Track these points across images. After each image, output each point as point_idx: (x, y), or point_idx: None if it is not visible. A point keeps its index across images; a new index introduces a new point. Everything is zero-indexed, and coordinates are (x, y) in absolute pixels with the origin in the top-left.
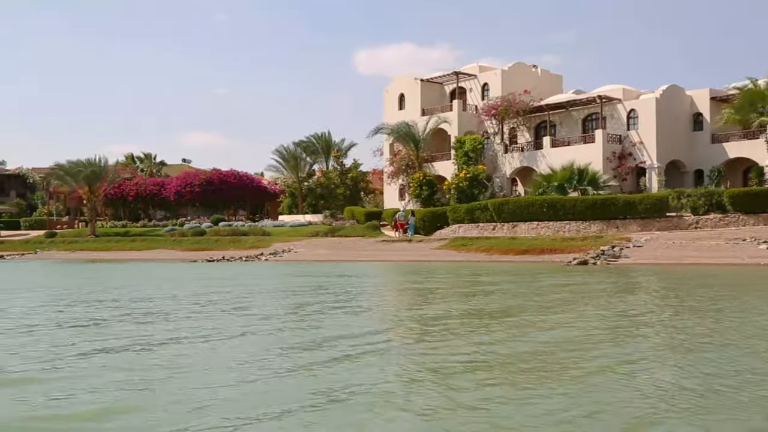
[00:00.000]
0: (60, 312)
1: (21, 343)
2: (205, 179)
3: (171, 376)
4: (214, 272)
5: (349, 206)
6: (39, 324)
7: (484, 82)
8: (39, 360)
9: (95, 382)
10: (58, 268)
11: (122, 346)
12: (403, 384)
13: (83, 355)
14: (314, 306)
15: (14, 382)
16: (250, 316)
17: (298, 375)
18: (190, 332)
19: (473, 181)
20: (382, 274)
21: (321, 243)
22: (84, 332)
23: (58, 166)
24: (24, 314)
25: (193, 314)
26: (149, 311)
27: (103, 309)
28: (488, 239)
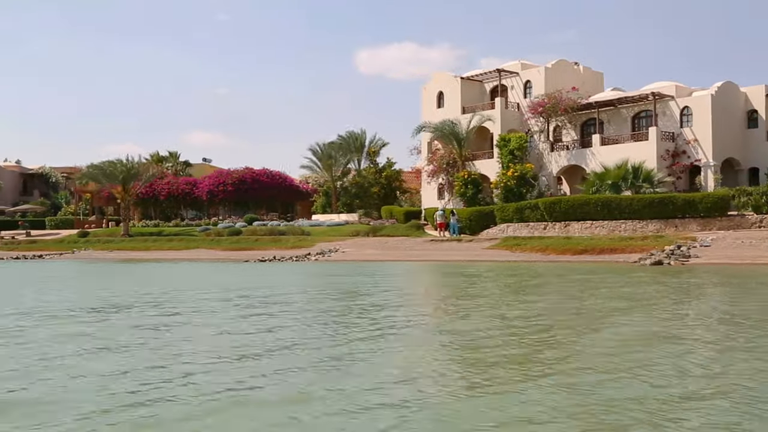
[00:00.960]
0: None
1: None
2: (237, 178)
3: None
4: (288, 271)
5: (383, 205)
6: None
7: (526, 79)
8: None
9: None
10: (120, 269)
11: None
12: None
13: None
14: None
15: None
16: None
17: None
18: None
19: (521, 179)
20: (469, 273)
21: (366, 243)
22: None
23: (93, 165)
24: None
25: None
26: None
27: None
28: (542, 239)
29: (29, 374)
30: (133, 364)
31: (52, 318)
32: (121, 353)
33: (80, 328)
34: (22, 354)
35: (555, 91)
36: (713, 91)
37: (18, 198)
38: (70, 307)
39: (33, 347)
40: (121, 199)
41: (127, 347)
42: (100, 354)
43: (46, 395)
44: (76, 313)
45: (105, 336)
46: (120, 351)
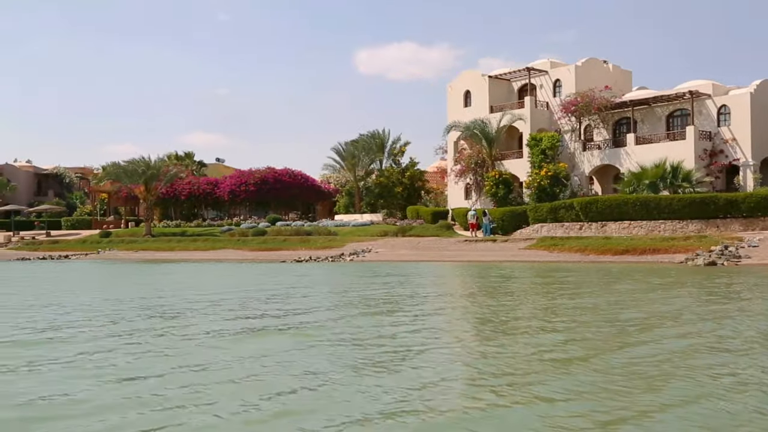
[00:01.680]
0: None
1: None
2: (260, 178)
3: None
4: (335, 271)
5: (407, 205)
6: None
7: (555, 78)
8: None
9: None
10: (156, 269)
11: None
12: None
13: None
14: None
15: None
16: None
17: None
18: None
19: (554, 179)
20: (521, 274)
21: (398, 243)
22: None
23: (115, 164)
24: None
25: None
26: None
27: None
28: (579, 239)
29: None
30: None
31: (180, 317)
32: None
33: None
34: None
35: (587, 90)
36: (752, 89)
37: (33, 198)
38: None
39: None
40: (144, 199)
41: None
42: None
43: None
44: (197, 309)
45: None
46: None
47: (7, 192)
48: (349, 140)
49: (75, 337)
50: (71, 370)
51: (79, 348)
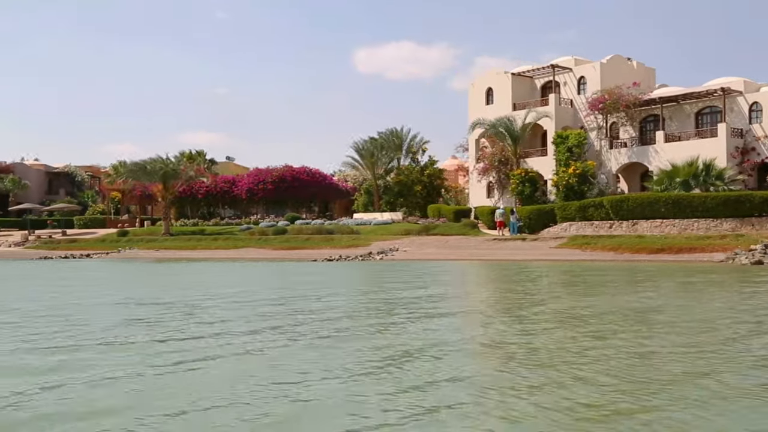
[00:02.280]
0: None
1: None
2: (277, 176)
3: None
4: (372, 270)
5: (426, 204)
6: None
7: (580, 75)
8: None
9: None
10: (185, 268)
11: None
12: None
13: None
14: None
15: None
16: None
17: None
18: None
19: (582, 177)
20: (566, 274)
21: (425, 242)
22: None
23: (134, 163)
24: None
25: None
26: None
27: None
28: (612, 237)
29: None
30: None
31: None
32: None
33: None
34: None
35: (614, 87)
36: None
37: (44, 197)
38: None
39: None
40: (162, 198)
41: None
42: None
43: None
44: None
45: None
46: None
47: (18, 190)
48: (367, 138)
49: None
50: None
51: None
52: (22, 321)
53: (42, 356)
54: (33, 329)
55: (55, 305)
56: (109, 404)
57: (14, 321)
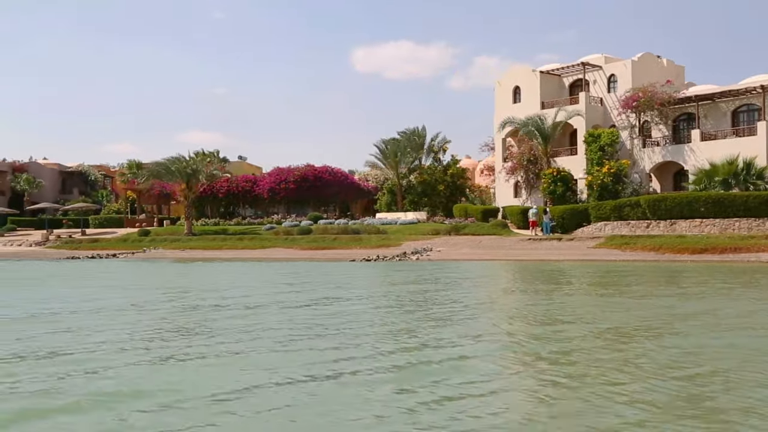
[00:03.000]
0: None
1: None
2: (300, 175)
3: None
4: (417, 271)
5: (449, 203)
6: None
7: (610, 73)
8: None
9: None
10: (224, 268)
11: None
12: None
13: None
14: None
15: None
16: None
17: None
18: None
19: (617, 176)
20: (614, 275)
21: (459, 242)
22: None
23: (157, 162)
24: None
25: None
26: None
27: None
28: (651, 237)
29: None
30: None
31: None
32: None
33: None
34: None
35: (648, 85)
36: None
37: (58, 196)
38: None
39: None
40: (184, 197)
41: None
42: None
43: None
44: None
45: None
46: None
47: (33, 189)
48: (388, 138)
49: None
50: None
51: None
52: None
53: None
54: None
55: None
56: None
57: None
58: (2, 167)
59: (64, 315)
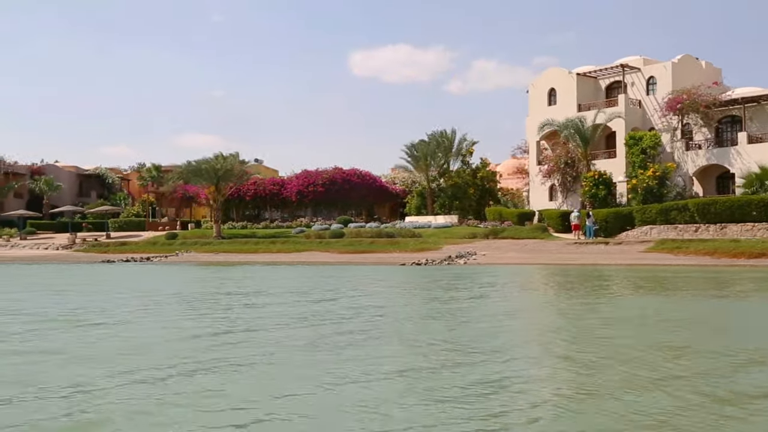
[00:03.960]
0: None
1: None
2: (328, 178)
3: None
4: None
5: (480, 207)
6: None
7: (649, 75)
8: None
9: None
10: (270, 272)
11: None
12: None
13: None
14: None
15: None
16: None
17: None
18: None
19: (661, 180)
20: (693, 281)
21: (502, 246)
22: None
23: (187, 165)
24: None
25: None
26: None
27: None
28: (703, 242)
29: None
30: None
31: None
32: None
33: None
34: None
35: (691, 87)
36: None
37: (75, 199)
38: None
39: None
40: (213, 200)
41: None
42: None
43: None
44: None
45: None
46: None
47: (52, 192)
48: (417, 141)
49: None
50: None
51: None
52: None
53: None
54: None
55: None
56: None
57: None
58: (20, 170)
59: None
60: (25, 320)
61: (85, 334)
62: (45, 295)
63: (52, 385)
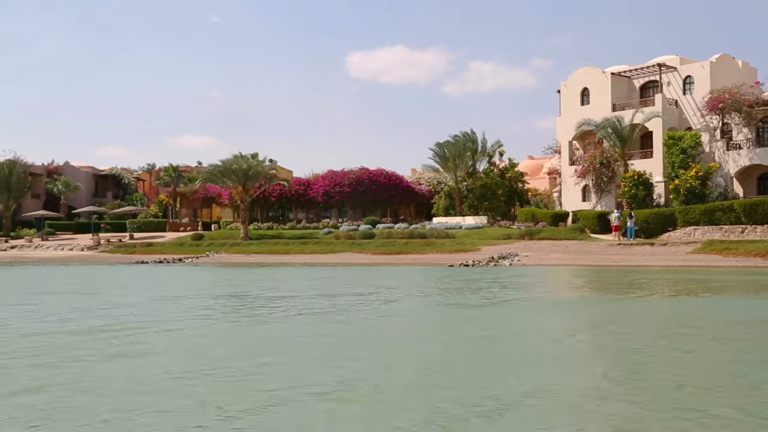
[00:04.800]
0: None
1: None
2: (354, 179)
3: None
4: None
5: (508, 208)
6: None
7: (686, 75)
8: None
9: None
10: (316, 273)
11: None
12: None
13: None
14: None
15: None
16: None
17: None
18: None
19: (705, 180)
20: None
21: (543, 247)
22: None
23: (213, 165)
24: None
25: None
26: None
27: None
28: (753, 243)
29: None
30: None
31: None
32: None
33: None
34: None
35: (733, 86)
36: None
37: (92, 199)
38: None
39: None
40: (240, 201)
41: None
42: None
43: None
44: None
45: None
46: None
47: (70, 193)
48: (443, 141)
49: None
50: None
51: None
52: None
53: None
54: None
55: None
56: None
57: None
58: (38, 170)
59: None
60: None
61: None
62: (164, 301)
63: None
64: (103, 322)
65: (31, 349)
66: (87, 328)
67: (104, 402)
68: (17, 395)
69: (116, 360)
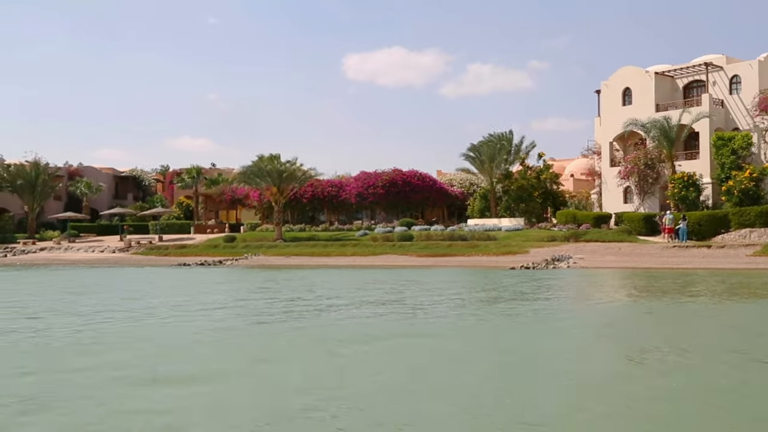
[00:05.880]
0: None
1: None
2: (387, 180)
3: None
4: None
5: (542, 210)
6: None
7: (732, 74)
8: None
9: None
10: (371, 276)
11: None
12: None
13: None
14: None
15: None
16: None
17: None
18: None
19: (759, 181)
20: None
21: (597, 249)
22: None
23: (247, 167)
24: None
25: None
26: None
27: None
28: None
29: None
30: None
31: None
32: None
33: None
34: None
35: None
36: None
37: (112, 201)
38: None
39: None
40: (275, 202)
41: None
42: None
43: None
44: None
45: None
46: None
47: (92, 194)
48: (477, 142)
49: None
50: None
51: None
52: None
53: None
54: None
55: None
56: None
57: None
58: (59, 171)
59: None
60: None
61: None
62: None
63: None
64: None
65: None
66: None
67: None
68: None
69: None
